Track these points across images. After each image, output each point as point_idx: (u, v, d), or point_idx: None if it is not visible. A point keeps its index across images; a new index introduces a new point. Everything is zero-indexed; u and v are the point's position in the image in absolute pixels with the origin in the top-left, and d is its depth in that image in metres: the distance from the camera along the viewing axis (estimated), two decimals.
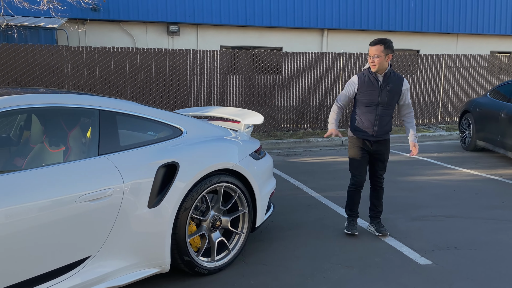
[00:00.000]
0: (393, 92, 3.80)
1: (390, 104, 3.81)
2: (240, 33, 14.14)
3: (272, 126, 10.21)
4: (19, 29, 9.97)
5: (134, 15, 12.94)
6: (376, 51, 3.67)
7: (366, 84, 3.79)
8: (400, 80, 3.81)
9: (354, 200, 4.03)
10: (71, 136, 2.75)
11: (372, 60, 3.70)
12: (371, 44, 3.72)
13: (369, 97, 3.79)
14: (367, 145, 3.87)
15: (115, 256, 2.68)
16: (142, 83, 9.55)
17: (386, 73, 3.76)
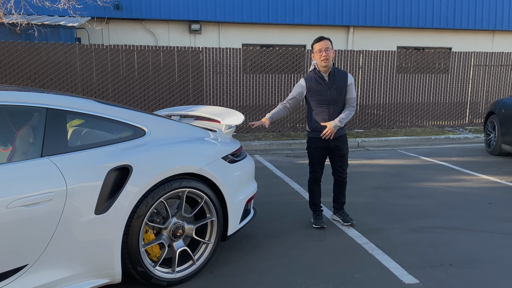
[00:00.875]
0: (340, 89, 3.90)
1: (340, 100, 3.93)
2: (263, 31, 13.90)
3: (287, 126, 9.91)
4: (39, 27, 10.14)
5: (156, 13, 12.96)
6: (326, 44, 3.76)
7: (314, 85, 3.90)
8: (345, 75, 3.92)
9: (315, 193, 4.16)
10: (18, 136, 2.61)
11: (325, 54, 3.75)
12: (318, 40, 3.81)
13: (319, 97, 3.90)
14: (326, 143, 3.96)
15: (58, 265, 2.51)
16: (163, 80, 9.45)
17: (331, 71, 3.87)
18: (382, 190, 5.39)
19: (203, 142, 3.26)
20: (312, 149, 4.08)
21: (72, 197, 2.50)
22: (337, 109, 3.93)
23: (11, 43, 8.68)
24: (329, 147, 4.00)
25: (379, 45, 14.00)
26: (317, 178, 4.16)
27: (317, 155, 4.06)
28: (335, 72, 3.91)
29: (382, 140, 8.94)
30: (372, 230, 4.02)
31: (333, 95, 3.89)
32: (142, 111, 3.23)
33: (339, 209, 4.23)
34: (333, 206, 4.28)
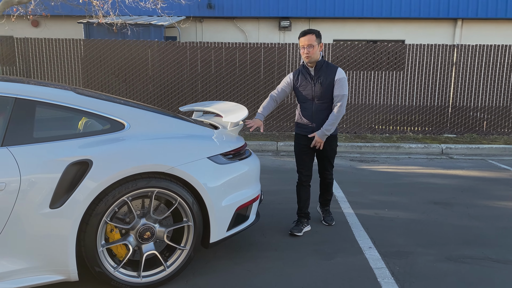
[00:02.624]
0: (325, 84, 3.58)
1: (324, 97, 3.61)
2: (356, 26, 13.14)
3: (364, 127, 9.15)
4: (132, 26, 10.85)
5: (247, 11, 13.04)
6: (308, 40, 3.50)
7: (300, 79, 3.68)
8: (333, 70, 3.59)
9: (301, 196, 3.88)
10: None
11: (306, 51, 3.51)
12: (301, 35, 3.54)
13: (304, 92, 3.67)
14: (308, 141, 3.72)
15: (12, 256, 2.49)
16: (250, 76, 9.42)
17: (317, 65, 3.59)
18: (440, 206, 4.58)
19: (187, 140, 3.01)
20: (296, 146, 3.84)
21: (25, 189, 2.46)
22: (323, 105, 3.64)
23: (92, 41, 9.38)
24: (313, 146, 3.73)
25: (495, 39, 12.27)
26: (302, 180, 3.84)
27: (300, 154, 3.80)
28: (323, 66, 3.62)
29: (472, 147, 7.74)
30: (398, 253, 3.38)
31: (317, 91, 3.61)
32: (130, 104, 3.09)
33: (323, 205, 4.08)
34: (319, 201, 4.15)
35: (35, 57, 9.48)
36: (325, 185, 3.95)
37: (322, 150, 3.75)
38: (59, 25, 12.86)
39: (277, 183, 5.46)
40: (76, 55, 9.55)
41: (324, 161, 3.84)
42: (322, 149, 3.73)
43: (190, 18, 12.72)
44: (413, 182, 5.58)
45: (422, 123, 9.18)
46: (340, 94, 3.56)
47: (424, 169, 6.39)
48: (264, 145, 7.91)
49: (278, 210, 4.41)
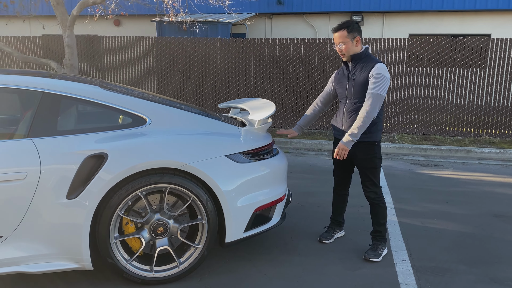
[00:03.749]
0: (359, 81, 3.14)
1: (357, 96, 3.16)
2: (435, 19, 12.28)
3: (433, 128, 8.50)
4: (201, 24, 11.12)
5: (317, 6, 12.78)
6: (339, 38, 3.13)
7: (339, 76, 3.35)
8: (370, 65, 3.10)
9: (334, 202, 3.60)
10: (12, 118, 2.83)
11: (339, 49, 3.17)
12: (333, 31, 3.18)
13: (339, 90, 3.31)
14: None
15: (31, 242, 2.63)
16: (317, 73, 9.24)
17: (353, 59, 3.18)
18: (501, 220, 4.08)
19: (206, 137, 2.96)
20: (333, 147, 3.40)
21: (45, 179, 2.58)
22: (354, 105, 3.18)
23: (162, 38, 9.73)
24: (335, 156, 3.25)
25: None
26: (336, 186, 3.54)
27: (334, 159, 3.40)
28: (362, 61, 3.16)
29: None
30: (434, 269, 3.06)
31: (350, 88, 3.19)
32: (156, 99, 3.12)
33: (372, 237, 3.36)
34: None
35: (113, 54, 10.10)
36: (370, 208, 3.31)
37: (355, 158, 3.22)
38: (138, 24, 13.58)
39: (322, 184, 5.25)
40: (149, 52, 10.00)
41: (360, 171, 3.26)
42: (355, 157, 3.21)
43: (256, 15, 12.74)
44: (476, 191, 5.06)
45: (502, 126, 8.32)
46: (373, 93, 3.00)
47: (494, 177, 5.77)
48: (320, 144, 7.68)
49: (314, 213, 4.23)
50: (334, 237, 3.57)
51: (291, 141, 7.86)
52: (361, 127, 3.03)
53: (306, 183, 5.28)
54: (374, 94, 3.01)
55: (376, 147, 3.19)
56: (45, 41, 10.34)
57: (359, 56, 3.15)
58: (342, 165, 3.41)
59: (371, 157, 3.18)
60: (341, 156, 3.08)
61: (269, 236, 3.60)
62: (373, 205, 3.27)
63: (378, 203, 3.25)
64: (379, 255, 3.18)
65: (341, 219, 3.61)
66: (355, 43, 3.13)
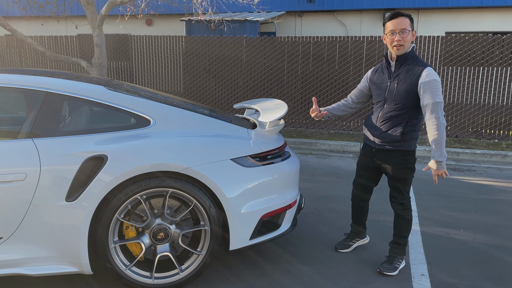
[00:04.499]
0: (403, 84, 2.79)
1: (399, 101, 2.82)
2: (473, 16, 11.72)
3: (468, 131, 8.06)
4: (229, 23, 11.05)
5: (348, 4, 12.47)
6: (402, 24, 2.70)
7: (377, 74, 2.97)
8: (418, 69, 2.74)
9: (353, 211, 3.34)
10: (15, 117, 2.81)
11: (398, 38, 2.71)
12: (391, 18, 2.74)
13: (377, 91, 2.97)
14: (371, 152, 3.04)
15: (30, 244, 2.59)
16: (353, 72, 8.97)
17: (399, 59, 2.79)
18: None
19: (211, 139, 2.84)
20: (359, 156, 3.21)
21: (44, 180, 2.53)
22: (393, 112, 2.86)
23: (190, 37, 9.71)
24: (374, 160, 3.04)
25: None
26: (354, 195, 3.28)
27: (360, 161, 3.19)
28: (408, 61, 2.80)
29: None
30: (455, 286, 2.81)
31: (392, 91, 2.84)
32: (162, 99, 3.03)
33: (390, 248, 3.11)
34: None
35: (141, 54, 10.18)
36: (396, 219, 3.04)
37: (387, 167, 2.95)
38: (169, 24, 13.67)
39: (343, 189, 5.04)
40: (177, 51, 10.02)
41: (390, 183, 3.00)
42: (386, 166, 2.95)
43: (285, 13, 12.54)
44: (510, 200, 4.70)
45: None
46: (431, 103, 2.66)
47: None
48: (346, 146, 7.42)
49: (332, 219, 4.03)
50: (353, 247, 3.36)
51: (316, 141, 7.64)
52: (440, 142, 2.69)
53: (326, 187, 5.08)
54: (436, 104, 2.68)
55: (410, 157, 2.90)
56: (80, 41, 10.56)
57: (406, 56, 2.79)
58: (368, 175, 3.14)
59: (404, 167, 2.90)
60: (441, 177, 2.85)
61: (280, 243, 3.45)
62: (399, 216, 3.02)
63: (404, 214, 2.99)
64: (395, 268, 2.96)
65: (361, 228, 3.38)
66: (412, 37, 2.78)
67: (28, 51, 10.85)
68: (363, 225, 3.37)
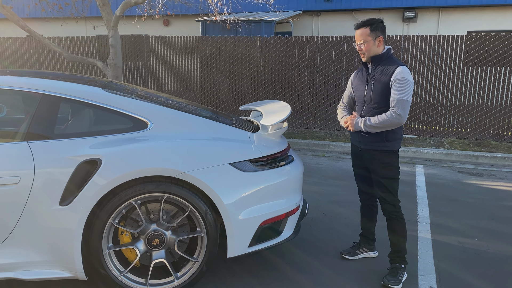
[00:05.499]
0: (379, 84, 2.84)
1: (376, 101, 2.86)
2: (497, 14, 11.37)
3: (489, 133, 7.77)
4: (244, 23, 10.98)
5: (367, 2, 12.28)
6: (361, 36, 2.86)
7: (357, 77, 3.07)
8: (392, 68, 2.80)
9: (361, 215, 3.28)
10: (12, 119, 2.78)
11: (359, 48, 2.88)
12: (355, 28, 2.91)
13: (357, 93, 3.04)
14: (359, 154, 3.06)
15: (24, 248, 2.56)
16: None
17: (374, 60, 2.89)
18: None
19: (209, 143, 2.76)
20: (351, 158, 3.23)
21: (38, 184, 2.49)
22: (372, 111, 2.89)
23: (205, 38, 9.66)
24: (362, 160, 3.04)
25: None
26: (361, 196, 3.25)
27: (353, 167, 3.21)
28: (382, 62, 2.88)
29: None
30: None
31: (369, 92, 2.90)
32: (160, 102, 2.96)
33: (390, 259, 2.99)
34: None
35: (157, 54, 10.20)
36: (388, 224, 2.98)
37: (371, 167, 2.95)
38: (186, 24, 13.69)
39: (354, 193, 4.88)
40: (192, 51, 9.99)
41: (376, 182, 2.96)
42: (371, 166, 2.95)
43: (302, 13, 12.40)
44: None
45: None
46: (398, 99, 2.71)
47: None
48: None
49: (339, 225, 3.90)
50: (359, 256, 3.24)
51: (329, 143, 7.49)
52: (378, 126, 2.80)
53: (336, 191, 4.95)
54: (401, 101, 2.73)
55: (394, 156, 2.93)
56: (98, 42, 10.65)
57: (380, 57, 2.87)
58: (359, 173, 3.15)
59: (390, 166, 2.91)
60: (346, 126, 2.98)
61: (282, 250, 3.34)
62: (391, 220, 2.94)
63: (397, 217, 2.93)
64: (399, 281, 2.82)
65: (370, 236, 3.27)
66: (377, 43, 2.85)
67: (46, 52, 11.01)
68: (372, 232, 3.26)
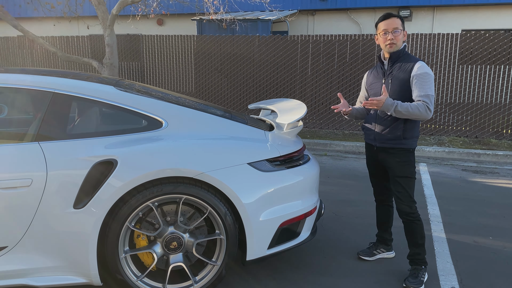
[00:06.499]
0: (397, 80, 2.76)
1: (394, 97, 2.77)
2: (491, 13, 11.43)
3: (488, 131, 7.79)
4: (240, 22, 10.90)
5: (362, 1, 12.26)
6: (394, 23, 2.74)
7: (372, 75, 2.97)
8: (410, 64, 2.74)
9: (377, 216, 3.21)
10: (21, 119, 2.67)
11: (391, 37, 2.73)
12: (383, 19, 2.78)
13: (372, 91, 2.92)
14: (374, 152, 2.98)
15: (36, 253, 2.45)
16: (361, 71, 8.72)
17: (392, 56, 2.80)
18: None
19: (227, 143, 2.68)
20: (366, 158, 3.16)
21: (51, 187, 2.39)
22: None
23: (200, 37, 9.56)
24: (378, 159, 2.96)
25: None
26: (375, 194, 3.19)
27: (368, 166, 3.14)
28: (400, 59, 2.80)
29: None
30: None
31: (387, 87, 2.81)
32: (174, 100, 2.87)
33: (410, 261, 2.91)
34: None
35: (153, 53, 10.06)
36: (405, 226, 2.89)
37: (387, 166, 2.87)
38: (181, 23, 13.55)
39: (362, 192, 4.84)
40: (188, 51, 9.88)
41: (392, 181, 2.87)
42: (387, 164, 2.86)
43: (298, 12, 12.36)
44: None
45: None
46: (425, 94, 2.63)
47: None
48: (361, 147, 7.22)
49: (352, 225, 3.84)
50: (377, 257, 3.18)
51: (331, 142, 7.45)
52: (411, 113, 2.63)
53: (344, 190, 4.89)
54: (430, 96, 2.66)
55: (411, 154, 2.84)
56: (92, 41, 10.49)
57: (398, 53, 2.81)
58: (378, 173, 3.07)
59: (407, 165, 2.82)
60: (372, 105, 2.67)
61: (298, 252, 3.27)
62: (408, 222, 2.85)
63: (413, 219, 2.84)
64: (421, 282, 2.76)
65: (387, 236, 3.21)
66: (404, 37, 2.81)
67: (39, 51, 10.81)
68: (389, 232, 3.20)
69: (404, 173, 2.82)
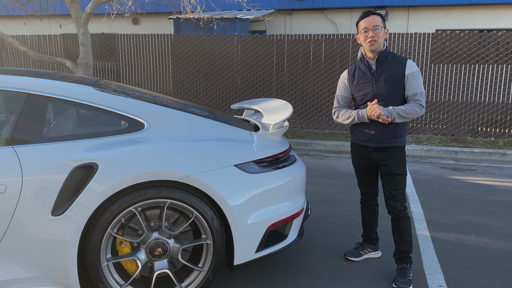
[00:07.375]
0: (392, 80, 2.77)
1: (390, 97, 2.78)
2: (464, 13, 11.66)
3: (464, 129, 7.94)
4: (218, 21, 10.79)
5: (339, 1, 12.32)
6: (375, 21, 2.73)
7: (357, 76, 2.90)
8: (402, 63, 2.79)
9: (364, 216, 3.19)
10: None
11: (371, 35, 2.72)
12: (364, 16, 2.78)
13: (362, 92, 2.87)
14: (367, 153, 2.93)
15: (12, 264, 2.32)
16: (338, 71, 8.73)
17: (380, 56, 2.80)
18: None
19: (213, 144, 2.60)
20: (352, 158, 3.11)
21: (27, 194, 2.26)
22: (386, 107, 2.79)
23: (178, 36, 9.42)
24: (371, 159, 2.91)
25: None
26: (365, 197, 3.14)
27: (357, 167, 3.08)
28: (388, 58, 2.81)
29: None
30: None
31: (381, 89, 2.79)
32: (155, 101, 2.77)
33: (397, 260, 2.91)
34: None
35: (128, 53, 9.85)
36: (394, 223, 2.87)
37: (384, 164, 2.85)
38: (156, 22, 13.33)
39: (345, 191, 4.83)
40: (165, 50, 9.71)
41: (388, 180, 2.84)
42: (383, 163, 2.84)
43: (275, 11, 12.34)
44: None
45: None
46: (418, 92, 2.72)
47: None
48: (342, 146, 7.24)
49: (338, 225, 3.82)
50: (364, 257, 3.16)
51: (311, 142, 7.44)
52: (410, 115, 2.73)
53: (327, 190, 4.87)
54: (421, 93, 2.75)
55: (404, 151, 2.89)
56: (65, 40, 10.18)
57: (384, 53, 2.81)
58: (366, 174, 3.05)
59: (402, 162, 2.86)
60: (373, 112, 2.72)
61: (285, 254, 3.22)
62: (399, 219, 2.84)
63: (404, 216, 2.85)
64: (409, 281, 2.75)
65: (373, 235, 3.19)
66: (384, 34, 2.79)
67: (10, 51, 10.44)
68: (375, 231, 3.18)
69: (400, 171, 2.84)
